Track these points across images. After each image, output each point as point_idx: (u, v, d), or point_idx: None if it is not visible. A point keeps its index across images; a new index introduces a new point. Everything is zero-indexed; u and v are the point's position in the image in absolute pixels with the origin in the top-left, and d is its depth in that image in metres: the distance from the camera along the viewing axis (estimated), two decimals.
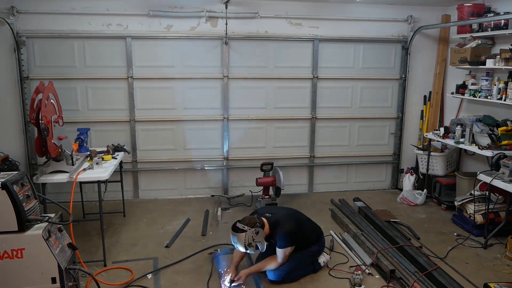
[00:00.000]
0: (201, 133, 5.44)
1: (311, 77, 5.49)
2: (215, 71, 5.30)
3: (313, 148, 5.70)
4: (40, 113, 3.40)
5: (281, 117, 5.55)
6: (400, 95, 5.75)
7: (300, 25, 5.36)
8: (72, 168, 3.61)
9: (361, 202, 5.18)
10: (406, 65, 5.65)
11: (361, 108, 5.71)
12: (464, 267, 3.72)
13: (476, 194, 4.36)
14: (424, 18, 5.55)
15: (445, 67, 5.66)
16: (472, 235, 4.35)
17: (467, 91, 4.94)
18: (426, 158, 5.36)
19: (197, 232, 4.43)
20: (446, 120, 5.67)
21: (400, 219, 4.76)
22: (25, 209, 2.67)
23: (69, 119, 4.66)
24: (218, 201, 5.40)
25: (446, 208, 5.12)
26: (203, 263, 3.74)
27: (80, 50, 5.01)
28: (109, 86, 5.14)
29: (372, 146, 5.87)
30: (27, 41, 4.88)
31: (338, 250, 4.02)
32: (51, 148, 3.46)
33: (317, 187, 5.85)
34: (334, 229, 4.48)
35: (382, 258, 3.64)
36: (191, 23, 5.15)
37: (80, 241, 3.95)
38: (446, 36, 5.59)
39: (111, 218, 4.73)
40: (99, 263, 3.69)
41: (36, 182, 3.41)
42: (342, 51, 5.52)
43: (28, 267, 2.65)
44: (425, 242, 4.23)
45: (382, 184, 6.04)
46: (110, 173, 3.73)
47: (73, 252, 2.92)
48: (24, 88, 4.94)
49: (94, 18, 4.97)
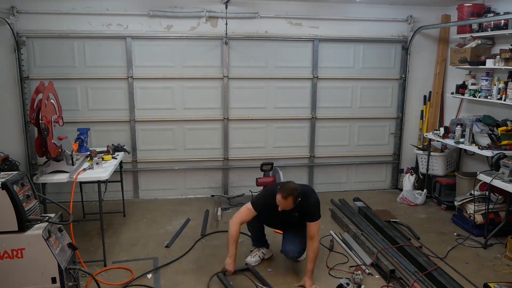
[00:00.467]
0: (201, 133, 5.44)
1: (311, 77, 5.49)
2: (215, 71, 5.30)
3: (313, 148, 5.70)
4: (40, 113, 3.40)
5: (281, 117, 5.55)
6: (400, 95, 5.75)
7: (300, 25, 5.36)
8: (72, 168, 3.61)
9: (361, 202, 5.18)
10: (406, 65, 5.65)
11: (361, 108, 5.71)
12: (464, 267, 3.72)
13: (476, 194, 4.36)
14: (424, 18, 5.55)
15: (445, 67, 5.66)
16: (472, 235, 4.35)
17: (467, 91, 4.94)
18: (426, 158, 5.36)
19: (197, 232, 4.43)
20: (446, 120, 5.67)
21: (400, 219, 4.76)
22: (25, 209, 2.67)
23: (69, 119, 4.66)
24: (218, 201, 5.40)
25: (446, 208, 5.12)
26: (204, 263, 3.74)
27: (80, 50, 5.01)
28: (109, 86, 5.14)
29: (372, 146, 5.87)
30: (27, 41, 4.88)
31: (338, 250, 4.02)
32: (51, 148, 3.46)
33: (317, 187, 5.83)
34: (334, 229, 4.48)
35: (382, 258, 3.64)
36: (191, 23, 5.15)
37: (80, 241, 3.95)
38: (446, 36, 5.59)
39: (111, 218, 4.73)
40: (99, 263, 3.69)
41: (36, 182, 3.40)
42: (342, 51, 5.51)
43: (28, 267, 2.65)
44: (425, 242, 4.23)
45: (382, 184, 6.04)
46: (110, 173, 3.73)
47: (73, 252, 2.92)
48: (24, 88, 4.94)
49: (94, 18, 4.97)
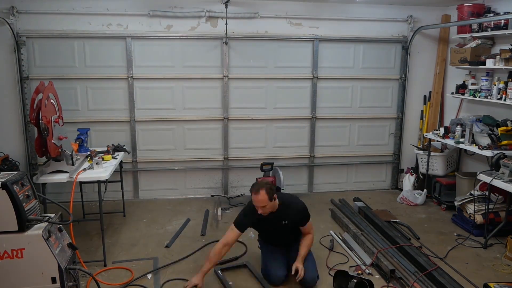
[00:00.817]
0: (201, 133, 5.44)
1: (311, 77, 5.49)
2: (215, 71, 5.30)
3: (313, 148, 5.70)
4: (40, 113, 3.40)
5: (281, 117, 5.55)
6: (400, 95, 5.75)
7: (300, 25, 5.36)
8: (72, 168, 3.61)
9: (361, 202, 5.18)
10: (406, 65, 5.65)
11: (361, 108, 5.71)
12: (464, 267, 3.72)
13: (476, 194, 4.36)
14: (424, 18, 5.55)
15: (445, 67, 5.66)
16: (472, 235, 4.35)
17: (467, 91, 4.94)
18: (426, 158, 5.36)
19: (197, 232, 4.43)
20: (446, 120, 5.67)
21: (400, 219, 4.76)
22: (25, 209, 2.67)
23: (69, 119, 4.67)
24: (218, 201, 5.40)
25: (446, 208, 5.11)
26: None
27: (80, 50, 5.01)
28: (109, 86, 5.14)
29: (372, 146, 5.87)
30: (27, 41, 4.88)
31: (338, 250, 4.02)
32: (51, 148, 3.46)
33: (317, 187, 5.85)
34: (334, 229, 4.49)
35: (382, 258, 3.64)
36: (191, 23, 5.15)
37: (80, 241, 3.96)
38: (446, 36, 5.59)
39: (111, 218, 4.73)
40: (99, 263, 3.69)
41: (36, 182, 3.41)
42: (342, 51, 5.51)
43: (28, 267, 2.65)
44: (425, 242, 4.23)
45: (382, 184, 6.04)
46: (110, 173, 3.73)
47: (73, 252, 2.92)
48: (24, 88, 4.94)
49: (94, 18, 4.97)
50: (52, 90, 3.69)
